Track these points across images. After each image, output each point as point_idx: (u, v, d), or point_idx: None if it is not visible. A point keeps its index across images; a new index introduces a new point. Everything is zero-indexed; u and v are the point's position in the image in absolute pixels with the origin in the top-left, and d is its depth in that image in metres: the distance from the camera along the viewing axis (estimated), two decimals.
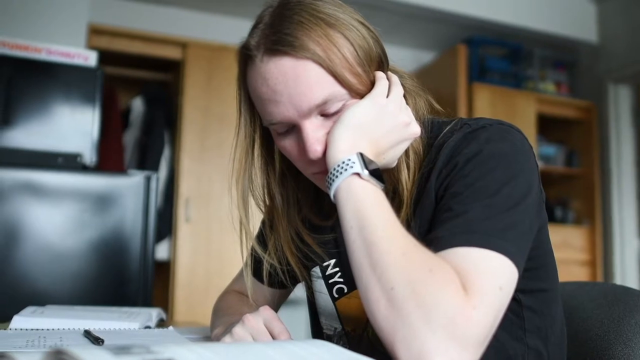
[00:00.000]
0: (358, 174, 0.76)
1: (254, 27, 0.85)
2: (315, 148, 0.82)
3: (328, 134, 0.82)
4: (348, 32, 0.82)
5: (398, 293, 0.65)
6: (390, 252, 0.68)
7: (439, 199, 0.81)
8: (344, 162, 0.77)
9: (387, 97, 0.84)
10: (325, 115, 0.83)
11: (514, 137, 0.83)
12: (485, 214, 0.73)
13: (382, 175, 0.79)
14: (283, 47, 0.80)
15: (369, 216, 0.72)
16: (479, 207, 0.73)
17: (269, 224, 1.03)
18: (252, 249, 1.00)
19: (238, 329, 0.83)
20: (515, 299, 0.83)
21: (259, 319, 0.84)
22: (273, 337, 0.84)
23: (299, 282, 1.10)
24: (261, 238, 1.06)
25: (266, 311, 0.85)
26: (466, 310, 0.62)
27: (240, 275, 1.18)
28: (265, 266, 1.01)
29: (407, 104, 0.89)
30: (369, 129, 0.81)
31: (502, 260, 0.69)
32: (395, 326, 0.64)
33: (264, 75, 0.82)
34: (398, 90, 0.86)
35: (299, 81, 0.80)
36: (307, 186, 0.99)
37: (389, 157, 0.84)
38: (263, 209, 1.00)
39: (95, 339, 0.94)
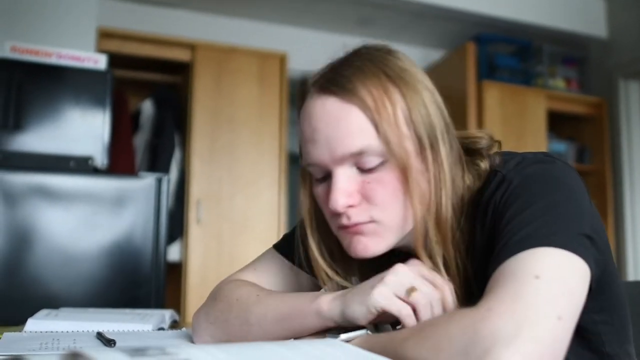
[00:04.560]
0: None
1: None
2: (337, 198, 0.77)
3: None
4: (408, 92, 0.78)
5: None
6: None
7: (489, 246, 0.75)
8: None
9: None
10: (360, 169, 0.78)
11: (561, 172, 0.77)
12: (544, 226, 0.68)
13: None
14: (333, 86, 0.78)
15: None
16: (532, 224, 0.69)
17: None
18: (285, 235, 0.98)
19: (402, 269, 0.75)
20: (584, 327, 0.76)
21: (418, 269, 0.76)
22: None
23: None
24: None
25: (418, 265, 0.78)
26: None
27: (253, 265, 1.11)
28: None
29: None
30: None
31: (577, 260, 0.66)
32: None
33: (309, 111, 0.80)
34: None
35: (339, 125, 0.76)
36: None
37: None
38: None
39: (107, 341, 0.94)
